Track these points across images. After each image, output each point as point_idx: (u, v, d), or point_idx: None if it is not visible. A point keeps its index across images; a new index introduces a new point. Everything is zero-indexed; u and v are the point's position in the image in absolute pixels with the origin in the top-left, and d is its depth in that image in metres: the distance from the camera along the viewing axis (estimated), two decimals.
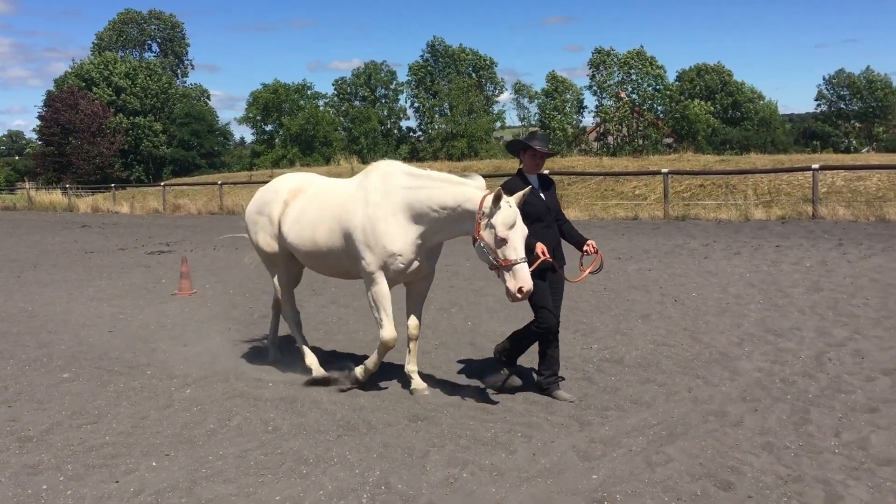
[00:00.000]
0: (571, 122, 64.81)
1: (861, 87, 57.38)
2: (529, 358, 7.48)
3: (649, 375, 7.42)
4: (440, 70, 69.08)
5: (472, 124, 60.25)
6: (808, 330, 8.81)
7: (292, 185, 7.72)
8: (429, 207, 6.47)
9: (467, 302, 11.37)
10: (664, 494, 4.82)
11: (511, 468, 5.29)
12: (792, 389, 6.81)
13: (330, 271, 7.48)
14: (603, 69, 64.73)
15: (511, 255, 6.02)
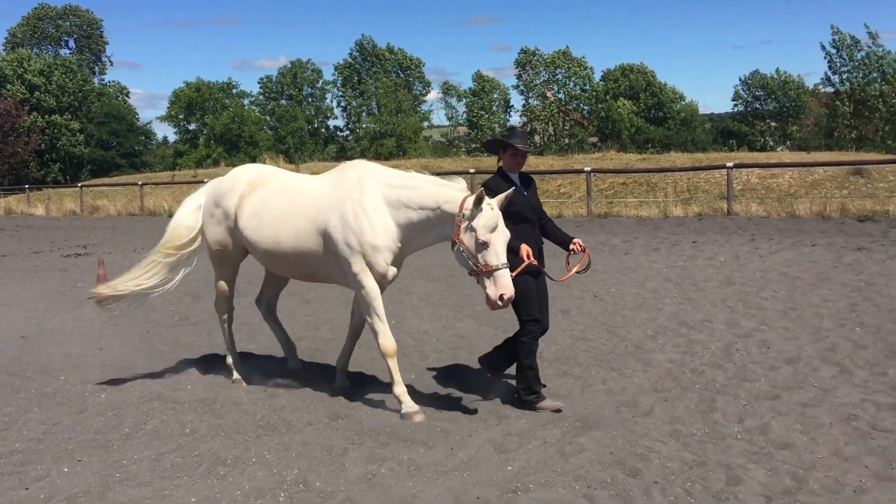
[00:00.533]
0: (499, 121, 65.39)
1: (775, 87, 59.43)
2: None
3: (566, 369, 7.60)
4: (367, 69, 68.84)
5: (400, 123, 60.24)
6: (718, 322, 9.14)
7: (251, 176, 7.18)
8: (408, 208, 6.18)
9: (391, 300, 11.39)
10: (576, 483, 4.97)
11: (429, 462, 5.37)
12: (701, 379, 7.07)
13: (291, 272, 7.10)
14: (529, 69, 65.50)
15: (492, 261, 5.75)
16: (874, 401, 6.28)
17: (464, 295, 11.61)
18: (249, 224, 6.90)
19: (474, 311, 10.50)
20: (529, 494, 4.84)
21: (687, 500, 4.68)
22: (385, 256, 6.28)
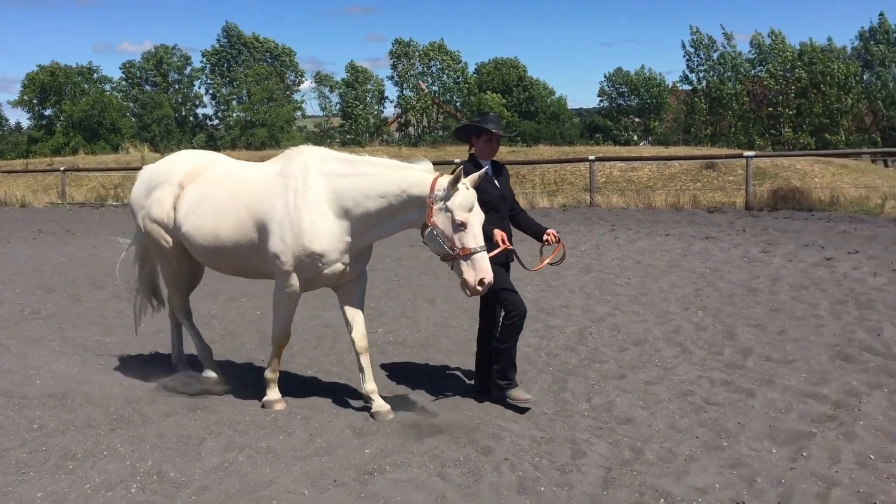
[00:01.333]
0: (373, 112, 65.26)
1: (639, 84, 61.97)
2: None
3: (429, 355, 7.79)
4: (235, 57, 67.00)
5: (271, 113, 59.10)
6: (575, 308, 9.56)
7: (190, 165, 6.56)
8: (365, 197, 5.67)
9: (258, 291, 11.27)
10: (430, 462, 5.14)
11: (287, 449, 5.41)
12: (555, 361, 7.41)
13: (233, 269, 6.46)
14: (404, 60, 65.65)
15: (470, 243, 5.40)
16: (709, 377, 6.76)
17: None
18: (188, 220, 6.32)
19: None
20: (385, 475, 4.97)
21: (534, 474, 4.93)
22: (324, 259, 5.78)
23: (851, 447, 5.17)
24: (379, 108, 67.17)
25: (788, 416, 5.83)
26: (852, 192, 20.51)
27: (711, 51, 54.89)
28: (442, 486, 4.78)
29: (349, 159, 5.95)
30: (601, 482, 4.82)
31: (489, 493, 4.69)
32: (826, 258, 12.12)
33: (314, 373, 7.29)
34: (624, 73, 61.65)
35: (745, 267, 11.89)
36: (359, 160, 5.90)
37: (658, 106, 60.63)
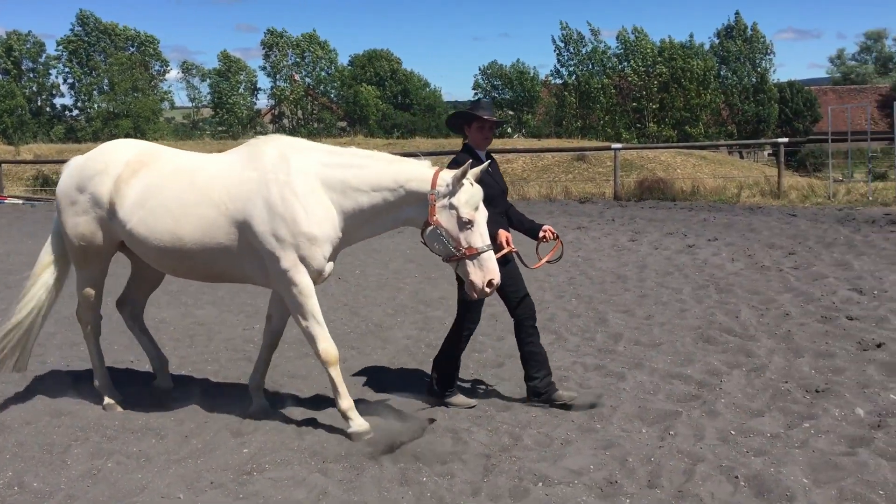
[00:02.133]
0: (246, 103, 63.69)
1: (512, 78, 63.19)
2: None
3: (307, 350, 7.66)
4: (93, 45, 63.61)
5: (136, 103, 56.64)
6: (453, 299, 9.60)
7: (130, 156, 5.78)
8: (357, 191, 5.24)
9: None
10: (311, 459, 5.08)
11: (160, 452, 5.23)
12: (435, 352, 7.44)
13: (193, 273, 5.78)
14: (277, 51, 64.36)
15: (476, 242, 5.07)
16: (583, 363, 6.99)
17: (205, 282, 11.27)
18: (134, 215, 5.56)
19: (215, 296, 10.25)
20: (265, 474, 4.88)
21: (416, 465, 4.95)
22: (324, 249, 5.30)
23: (714, 424, 5.47)
24: (252, 100, 65.63)
25: (656, 397, 6.10)
26: (711, 182, 21.65)
27: (580, 46, 56.58)
28: (323, 482, 4.74)
29: (333, 150, 5.49)
30: (482, 469, 4.89)
31: (371, 487, 4.68)
32: (688, 245, 12.75)
33: (188, 372, 7.06)
34: (498, 66, 62.72)
35: (615, 255, 12.35)
36: (344, 151, 5.46)
37: (531, 99, 61.98)
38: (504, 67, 62.68)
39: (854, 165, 23.17)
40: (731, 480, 4.59)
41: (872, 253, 11.41)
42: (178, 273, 5.84)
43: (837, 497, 4.34)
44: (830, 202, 17.66)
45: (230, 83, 62.39)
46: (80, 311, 6.26)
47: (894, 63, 62.21)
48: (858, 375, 6.24)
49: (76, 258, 6.02)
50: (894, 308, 8.14)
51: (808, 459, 4.80)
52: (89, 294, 6.14)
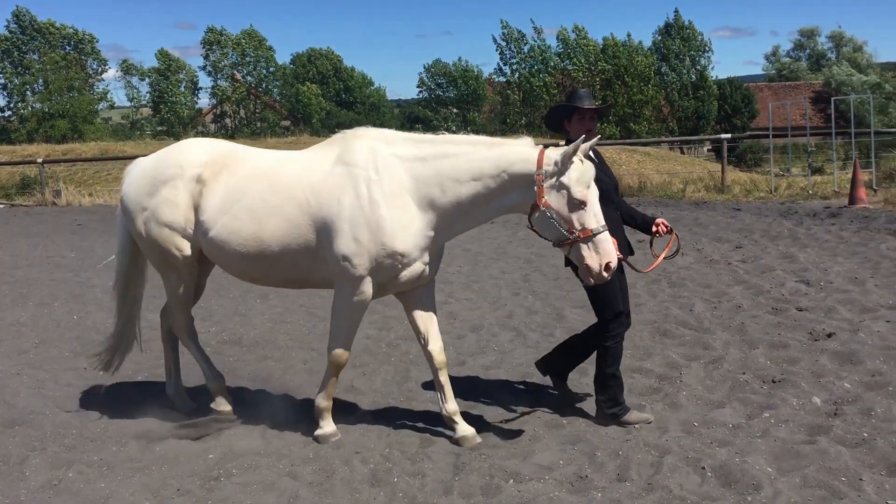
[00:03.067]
0: (186, 102, 62.53)
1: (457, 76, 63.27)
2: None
3: (267, 352, 7.60)
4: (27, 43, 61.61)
5: (72, 103, 55.14)
6: None
7: (209, 156, 5.40)
8: (455, 182, 4.88)
9: (71, 295, 10.56)
10: (279, 462, 5.02)
11: (123, 461, 5.11)
12: (396, 352, 7.44)
13: (274, 278, 5.43)
14: (217, 49, 63.32)
15: (591, 223, 4.71)
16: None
17: (155, 285, 11.02)
18: (217, 222, 5.24)
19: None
20: (232, 479, 4.80)
21: (386, 466, 4.93)
22: (405, 259, 4.98)
23: (677, 416, 5.56)
24: (193, 99, 64.45)
25: None
26: (657, 177, 22.02)
27: (522, 44, 56.96)
28: (293, 486, 4.68)
29: (425, 139, 5.15)
30: (452, 468, 4.90)
31: (342, 489, 4.65)
32: (638, 241, 12.92)
33: (145, 378, 6.92)
34: (442, 64, 62.72)
35: None
36: (437, 139, 5.10)
37: (476, 97, 62.12)
38: (448, 65, 62.67)
39: (789, 160, 23.79)
40: (699, 471, 4.67)
41: (816, 245, 11.74)
42: (258, 280, 5.54)
43: (801, 484, 4.45)
44: (773, 196, 18.11)
45: (170, 82, 61.18)
46: (172, 316, 5.89)
47: (826, 60, 64.03)
48: (812, 365, 6.40)
49: (157, 263, 5.65)
50: (841, 299, 8.38)
51: (771, 448, 4.92)
52: (178, 299, 5.71)
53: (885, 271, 9.60)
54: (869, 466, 4.61)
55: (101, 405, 6.17)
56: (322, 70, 63.75)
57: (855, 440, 4.96)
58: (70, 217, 20.65)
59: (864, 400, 5.58)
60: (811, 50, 66.62)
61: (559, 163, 4.73)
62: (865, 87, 53.10)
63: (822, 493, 4.34)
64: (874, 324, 7.35)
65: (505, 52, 57.47)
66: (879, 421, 5.23)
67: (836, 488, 4.35)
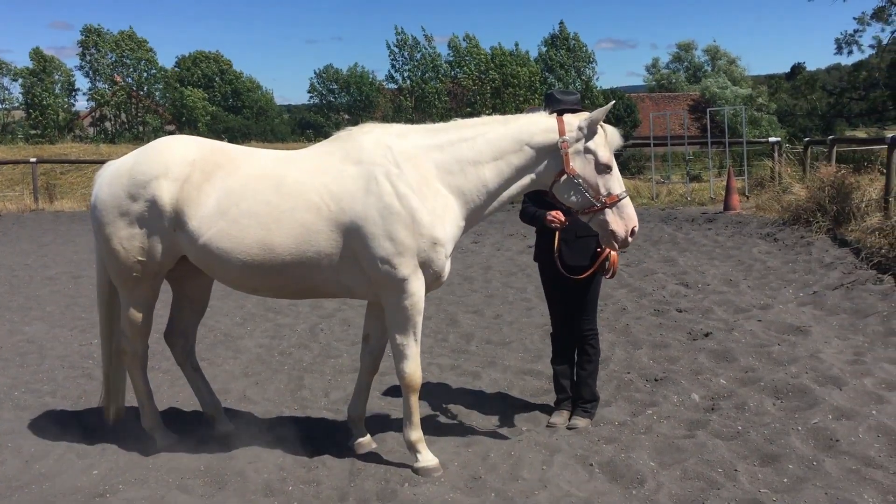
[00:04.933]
0: (63, 105, 59.73)
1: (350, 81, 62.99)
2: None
3: (154, 364, 7.32)
4: None
5: None
6: (303, 305, 9.54)
7: (197, 154, 4.89)
8: (476, 164, 4.70)
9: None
10: (168, 476, 4.88)
11: (0, 479, 4.85)
12: (289, 360, 7.36)
13: (281, 289, 4.99)
14: (95, 50, 60.81)
15: (616, 188, 4.66)
16: (438, 364, 7.13)
17: (30, 296, 10.54)
18: (212, 226, 4.74)
19: (43, 312, 9.61)
20: (119, 495, 4.64)
21: (280, 475, 4.87)
22: (447, 248, 4.74)
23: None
24: (69, 101, 61.61)
25: (511, 394, 6.32)
26: None
27: (415, 51, 57.32)
28: (184, 499, 4.57)
29: (437, 127, 4.92)
30: (347, 474, 4.89)
31: (235, 500, 4.56)
32: (528, 246, 13.22)
33: (21, 393, 6.58)
34: (335, 70, 62.35)
35: (460, 257, 12.63)
36: (450, 125, 4.90)
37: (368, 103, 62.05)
38: (340, 71, 62.37)
39: (668, 168, 24.85)
40: (587, 468, 4.85)
41: (694, 249, 12.32)
42: (258, 290, 5.06)
43: (682, 476, 4.68)
44: (654, 202, 18.87)
45: (44, 83, 58.30)
46: (125, 341, 5.27)
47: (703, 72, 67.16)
48: (691, 363, 6.73)
49: (123, 278, 5.06)
50: (717, 300, 8.83)
51: (654, 444, 5.15)
52: (138, 320, 5.17)
53: (757, 273, 10.18)
54: (743, 458, 4.89)
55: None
56: (208, 73, 62.22)
57: (730, 433, 5.25)
58: None
59: (738, 395, 5.91)
60: (689, 62, 69.72)
61: (584, 128, 4.67)
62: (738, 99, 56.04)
63: (700, 484, 4.57)
64: (747, 323, 7.78)
65: (397, 59, 57.68)
66: (752, 414, 5.55)
67: (714, 479, 4.60)
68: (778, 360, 6.60)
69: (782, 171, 17.48)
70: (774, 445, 4.98)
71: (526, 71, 53.69)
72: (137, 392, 5.41)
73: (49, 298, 10.41)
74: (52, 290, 10.94)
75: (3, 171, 29.59)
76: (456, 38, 58.01)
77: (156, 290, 5.20)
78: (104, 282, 5.34)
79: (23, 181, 27.02)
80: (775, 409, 5.60)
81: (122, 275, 5.06)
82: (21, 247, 15.44)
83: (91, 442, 5.42)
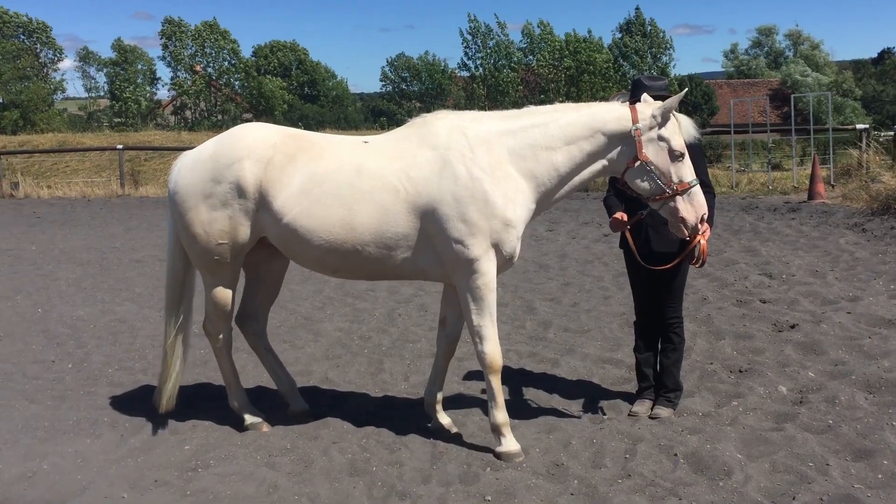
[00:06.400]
0: (144, 94, 61.58)
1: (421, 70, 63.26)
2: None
3: (238, 345, 7.48)
4: None
5: (25, 93, 53.95)
6: (381, 290, 9.65)
7: (278, 138, 5.04)
8: (549, 150, 4.79)
9: (34, 288, 10.39)
10: (256, 453, 5.02)
11: (97, 453, 5.07)
12: (368, 344, 7.46)
13: (357, 270, 5.08)
14: (176, 40, 62.47)
15: (687, 176, 4.71)
16: (516, 350, 7.12)
17: (120, 278, 10.93)
18: (296, 206, 4.87)
19: (133, 293, 9.95)
20: (210, 470, 4.79)
21: (364, 455, 4.96)
22: (519, 230, 4.83)
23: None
24: (151, 90, 63.48)
25: (591, 381, 6.28)
26: None
27: (488, 39, 57.12)
28: (272, 476, 4.69)
29: (510, 113, 5.03)
30: (429, 457, 4.94)
31: (321, 478, 4.66)
32: (604, 234, 13.09)
33: (115, 371, 6.84)
34: (406, 58, 62.63)
35: (535, 245, 12.58)
36: (522, 112, 5.00)
37: (440, 91, 62.18)
38: (412, 59, 62.60)
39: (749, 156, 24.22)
40: (671, 458, 4.78)
41: (777, 239, 12.00)
42: (338, 271, 5.14)
43: (770, 469, 4.57)
44: (734, 191, 18.43)
45: (127, 73, 60.14)
46: (210, 323, 5.40)
47: (784, 58, 65.18)
48: (777, 355, 6.57)
49: (206, 261, 5.16)
50: (803, 291, 8.59)
51: (740, 435, 5.04)
52: (221, 302, 5.29)
53: (844, 264, 9.86)
54: (835, 452, 4.75)
55: (70, 398, 6.10)
56: (284, 62, 63.23)
57: (821, 427, 5.11)
58: (28, 209, 20.27)
59: (828, 388, 5.74)
60: (769, 48, 67.75)
61: (657, 116, 4.73)
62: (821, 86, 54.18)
63: (790, 477, 4.47)
64: (835, 315, 7.54)
65: (470, 46, 57.57)
66: (843, 409, 5.39)
67: (805, 473, 4.49)
68: (869, 354, 6.39)
69: (870, 160, 16.85)
70: (868, 440, 4.83)
71: (603, 57, 52.94)
72: (224, 372, 5.57)
73: (137, 280, 10.77)
74: (139, 273, 11.31)
75: (91, 158, 30.68)
76: (530, 24, 57.63)
77: (237, 272, 5.31)
78: (176, 267, 5.43)
79: (109, 167, 27.99)
80: (868, 404, 5.43)
81: (204, 258, 5.16)
82: (109, 231, 16.01)
83: (182, 418, 5.60)
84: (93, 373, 6.78)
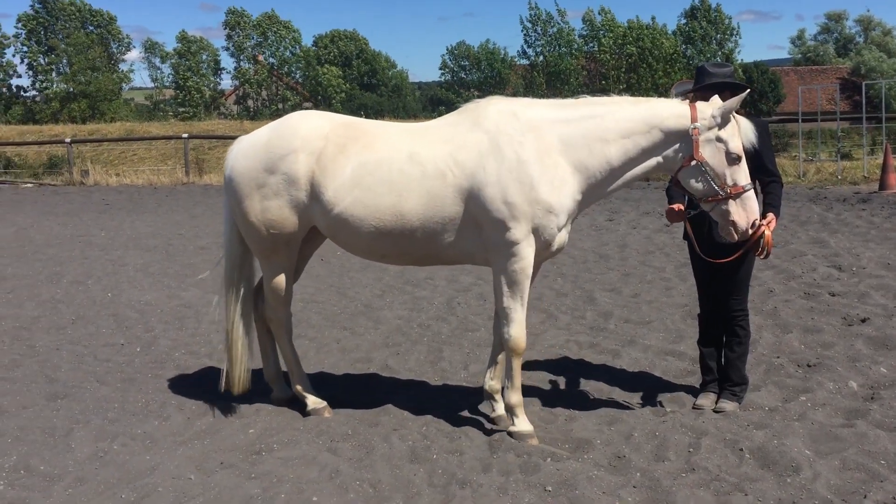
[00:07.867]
0: (208, 84, 62.73)
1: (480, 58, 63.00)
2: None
3: (300, 331, 7.64)
4: (52, 24, 61.81)
5: (95, 83, 55.41)
6: (440, 279, 9.68)
7: (329, 128, 5.10)
8: (603, 141, 4.75)
9: (104, 273, 10.69)
10: (318, 438, 5.08)
11: (166, 434, 5.20)
12: (428, 332, 7.49)
13: (406, 255, 5.16)
14: (239, 31, 63.47)
15: (742, 180, 4.68)
16: (576, 341, 7.06)
17: (185, 264, 11.17)
18: (348, 195, 4.94)
19: (197, 279, 10.15)
20: (274, 454, 4.87)
21: (424, 443, 4.98)
22: (560, 219, 4.81)
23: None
24: (215, 80, 64.63)
25: (653, 374, 6.20)
26: None
27: (549, 26, 56.58)
28: (334, 461, 4.75)
29: (566, 102, 4.99)
30: (489, 446, 4.94)
31: (382, 464, 4.70)
32: (665, 225, 12.88)
33: (182, 355, 7.00)
34: (466, 46, 62.47)
35: (594, 235, 12.46)
36: (578, 102, 4.95)
37: (499, 79, 61.85)
38: (472, 48, 62.38)
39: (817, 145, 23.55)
40: (736, 453, 4.69)
41: (846, 230, 11.65)
42: (387, 257, 5.25)
43: (841, 467, 4.45)
44: (801, 181, 17.95)
45: (191, 63, 61.29)
46: (269, 308, 5.51)
47: (854, 45, 63.15)
48: (847, 350, 6.38)
49: (262, 249, 5.28)
50: (874, 284, 8.33)
51: (809, 431, 4.92)
52: (279, 287, 5.39)
53: None
54: None
55: (139, 381, 6.27)
56: (344, 52, 63.68)
57: (893, 424, 4.96)
58: (98, 196, 20.84)
59: None
60: (838, 34, 65.71)
61: (717, 117, 4.68)
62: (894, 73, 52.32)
63: (861, 475, 4.35)
64: None
65: (530, 34, 57.12)
66: None
67: (877, 471, 4.36)
68: None
69: None
70: None
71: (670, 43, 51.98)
72: (285, 358, 5.65)
73: (202, 266, 10.98)
74: (204, 259, 11.54)
75: (157, 147, 31.39)
76: (591, 11, 56.88)
77: (292, 258, 5.39)
78: (234, 252, 5.51)
79: (174, 156, 28.60)
80: None
81: (260, 245, 5.28)
82: (175, 218, 16.37)
83: (246, 402, 5.70)
84: (160, 356, 6.94)
